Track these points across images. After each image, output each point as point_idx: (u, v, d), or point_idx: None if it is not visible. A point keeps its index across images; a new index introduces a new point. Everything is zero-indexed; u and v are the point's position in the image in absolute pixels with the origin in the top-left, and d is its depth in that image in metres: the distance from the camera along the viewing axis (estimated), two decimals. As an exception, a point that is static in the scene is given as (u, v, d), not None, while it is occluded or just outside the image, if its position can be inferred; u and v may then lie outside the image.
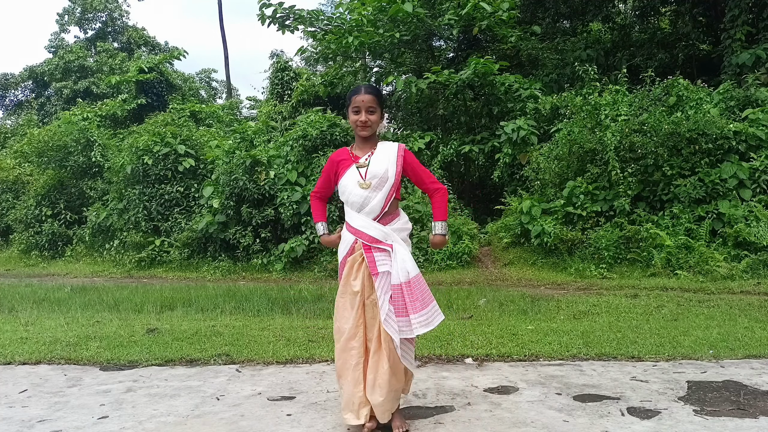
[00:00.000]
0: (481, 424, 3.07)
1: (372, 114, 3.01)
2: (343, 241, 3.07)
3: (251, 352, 4.55)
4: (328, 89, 14.84)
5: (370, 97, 3.00)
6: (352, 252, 3.00)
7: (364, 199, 2.96)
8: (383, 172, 2.97)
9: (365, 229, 2.95)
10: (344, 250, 3.04)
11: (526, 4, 16.10)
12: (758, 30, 11.90)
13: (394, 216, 3.05)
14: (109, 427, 3.15)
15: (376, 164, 2.99)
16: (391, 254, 2.92)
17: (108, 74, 24.54)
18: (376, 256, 2.92)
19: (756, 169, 8.69)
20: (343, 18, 15.32)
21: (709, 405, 3.28)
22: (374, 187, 2.95)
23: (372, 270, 2.91)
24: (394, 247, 2.93)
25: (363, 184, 2.95)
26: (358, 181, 2.97)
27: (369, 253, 2.93)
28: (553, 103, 11.42)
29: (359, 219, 2.98)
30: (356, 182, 2.97)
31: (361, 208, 2.98)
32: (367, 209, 2.96)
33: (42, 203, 13.62)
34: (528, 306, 6.50)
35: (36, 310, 6.83)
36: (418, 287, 2.89)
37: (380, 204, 2.96)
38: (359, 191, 2.96)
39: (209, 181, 11.54)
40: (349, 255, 3.01)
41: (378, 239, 2.93)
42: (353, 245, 3.00)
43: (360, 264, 2.97)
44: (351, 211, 3.03)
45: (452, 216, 10.54)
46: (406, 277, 2.88)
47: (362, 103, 2.99)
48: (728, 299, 6.61)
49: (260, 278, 9.94)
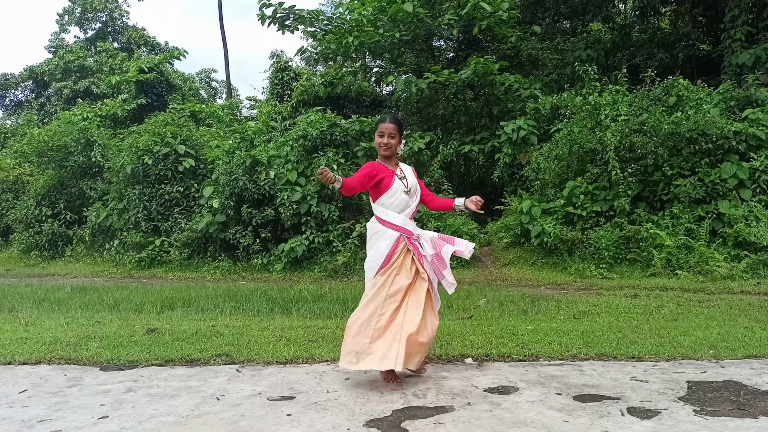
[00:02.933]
0: (481, 424, 3.07)
1: (393, 139, 3.85)
2: (387, 237, 3.79)
3: (251, 352, 4.55)
4: (328, 89, 14.83)
5: (392, 125, 3.86)
6: (398, 244, 3.78)
7: (406, 203, 3.84)
8: (416, 184, 3.94)
9: (406, 225, 3.82)
10: (390, 243, 3.77)
11: (526, 4, 16.10)
12: (758, 30, 11.89)
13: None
14: (109, 427, 3.15)
15: (410, 177, 3.93)
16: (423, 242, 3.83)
17: (108, 74, 24.53)
18: (417, 245, 3.81)
19: (756, 169, 8.69)
20: (343, 18, 15.33)
21: (709, 405, 3.28)
22: (412, 194, 3.88)
23: (419, 255, 3.77)
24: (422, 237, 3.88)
25: (407, 191, 3.84)
26: (403, 189, 3.83)
27: (413, 243, 3.80)
28: (553, 103, 11.42)
29: (401, 218, 3.81)
30: (402, 190, 3.82)
31: (402, 210, 3.83)
32: (407, 211, 3.84)
33: (42, 203, 13.62)
34: (528, 306, 6.50)
35: (36, 310, 6.83)
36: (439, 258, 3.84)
37: (415, 207, 3.92)
38: (404, 197, 3.83)
39: (209, 181, 11.54)
40: (396, 247, 3.77)
41: (413, 232, 3.83)
42: (398, 239, 3.78)
43: (407, 252, 3.79)
44: (392, 212, 3.82)
45: (452, 216, 10.55)
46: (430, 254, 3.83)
47: (386, 129, 3.85)
48: (728, 299, 6.60)
49: (260, 278, 9.94)
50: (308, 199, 10.31)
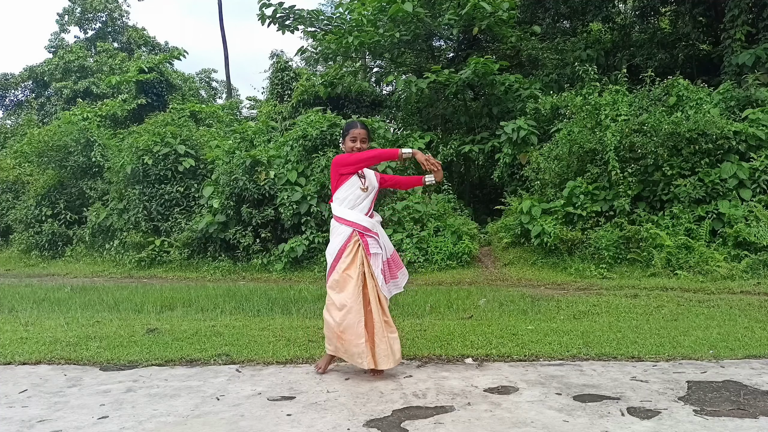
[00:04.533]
0: (481, 424, 3.07)
1: (364, 144, 4.03)
2: (340, 233, 3.95)
3: (251, 352, 4.55)
4: (328, 89, 14.84)
5: (364, 131, 4.03)
6: (350, 240, 3.92)
7: (360, 198, 3.96)
8: (374, 185, 4.07)
9: (361, 222, 3.94)
10: (342, 239, 3.93)
11: (526, 4, 16.10)
12: (758, 30, 11.89)
13: (373, 214, 4.09)
14: (109, 427, 3.15)
15: (370, 178, 4.07)
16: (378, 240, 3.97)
17: (108, 74, 24.51)
18: (369, 241, 3.94)
19: (756, 169, 8.68)
20: (343, 18, 15.34)
21: (709, 405, 3.28)
22: (368, 192, 4.01)
23: (367, 251, 3.92)
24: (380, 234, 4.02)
25: (363, 188, 3.98)
26: (360, 185, 3.97)
27: (364, 238, 3.94)
28: (553, 103, 11.42)
29: (354, 214, 3.94)
30: (358, 186, 3.97)
31: (355, 206, 3.95)
32: (360, 206, 3.97)
33: (42, 203, 13.62)
34: (528, 306, 6.50)
35: (36, 310, 6.82)
36: (394, 261, 4.11)
37: (369, 204, 4.03)
38: (359, 192, 3.96)
39: (209, 181, 11.53)
40: (347, 242, 3.91)
41: (369, 228, 3.95)
42: (351, 234, 3.92)
43: (358, 248, 3.92)
44: (345, 208, 3.95)
45: (452, 216, 10.55)
46: (386, 255, 4.02)
47: (359, 134, 4.00)
48: (728, 299, 6.60)
49: (260, 278, 9.93)
50: (308, 199, 10.31)
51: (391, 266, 4.02)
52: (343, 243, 3.91)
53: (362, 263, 3.88)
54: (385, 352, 3.78)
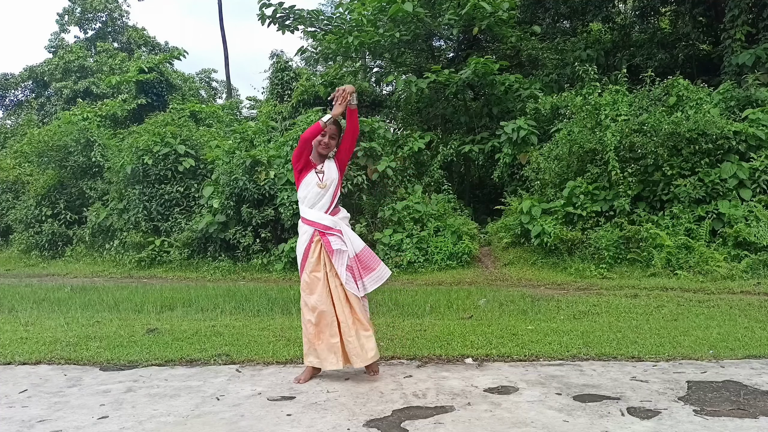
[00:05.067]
0: (481, 424, 3.08)
1: (333, 140, 3.93)
2: (303, 233, 3.92)
3: (251, 352, 4.55)
4: (328, 89, 14.82)
5: (336, 128, 3.91)
6: (313, 239, 3.87)
7: (319, 196, 3.86)
8: (333, 179, 3.90)
9: (321, 220, 3.86)
10: (306, 240, 3.89)
11: (526, 4, 16.10)
12: (758, 30, 11.89)
13: (337, 210, 3.98)
14: (109, 427, 3.15)
15: (329, 173, 3.91)
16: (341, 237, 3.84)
17: (108, 74, 24.49)
18: (330, 239, 3.82)
19: (756, 169, 8.68)
20: (343, 18, 15.33)
21: (709, 405, 3.28)
22: (327, 188, 3.88)
23: (328, 248, 3.81)
24: (344, 230, 3.89)
25: (321, 186, 3.87)
26: (317, 182, 3.86)
27: (324, 237, 3.84)
28: (553, 103, 11.42)
29: (313, 213, 3.88)
30: (315, 183, 3.86)
31: (315, 204, 3.88)
32: (319, 204, 3.88)
33: (42, 203, 13.61)
34: (528, 306, 6.50)
35: (36, 310, 6.83)
36: (365, 257, 3.91)
37: (329, 201, 3.90)
38: (317, 189, 3.86)
39: (209, 181, 11.53)
40: (311, 242, 3.87)
41: (331, 227, 3.85)
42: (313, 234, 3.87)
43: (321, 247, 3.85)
44: (306, 207, 3.90)
45: (452, 216, 10.54)
46: (353, 252, 3.86)
47: (329, 130, 3.87)
48: (728, 299, 6.60)
49: (260, 278, 9.93)
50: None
51: (361, 262, 3.87)
52: (306, 243, 3.89)
53: (326, 262, 3.83)
54: (355, 350, 3.75)
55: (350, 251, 3.84)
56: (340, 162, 4.00)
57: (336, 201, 3.95)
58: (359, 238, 3.98)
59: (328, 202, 3.89)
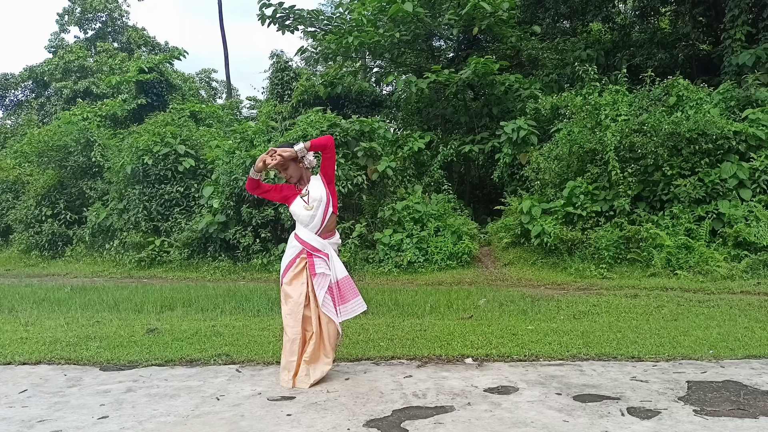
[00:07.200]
0: (481, 424, 3.07)
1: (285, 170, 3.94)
2: (291, 247, 3.95)
3: (251, 352, 4.55)
4: (328, 89, 14.82)
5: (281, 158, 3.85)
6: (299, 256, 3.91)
7: (309, 217, 3.89)
8: (320, 196, 3.90)
9: (310, 241, 3.89)
10: (293, 254, 3.93)
11: (526, 4, 16.11)
12: (758, 30, 11.90)
13: (331, 234, 4.00)
14: (109, 427, 3.15)
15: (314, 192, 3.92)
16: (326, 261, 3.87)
17: (108, 74, 24.49)
18: (315, 261, 3.87)
19: (756, 169, 8.68)
20: (343, 18, 15.35)
21: (709, 405, 3.28)
22: (316, 208, 3.89)
23: (311, 271, 3.85)
24: (330, 255, 3.91)
25: (308, 208, 3.89)
26: (303, 206, 3.90)
27: (310, 257, 3.89)
28: (553, 103, 11.42)
29: (305, 232, 3.92)
30: (302, 207, 3.90)
31: (307, 224, 3.91)
32: (311, 225, 3.90)
33: (42, 203, 13.61)
34: (528, 306, 6.50)
35: (36, 310, 6.82)
36: (345, 286, 3.92)
37: (320, 220, 3.90)
38: (305, 213, 3.89)
39: (209, 181, 11.53)
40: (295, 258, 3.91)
41: (318, 249, 3.89)
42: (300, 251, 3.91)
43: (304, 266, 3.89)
44: (300, 225, 3.96)
45: (452, 216, 10.54)
46: (335, 278, 3.89)
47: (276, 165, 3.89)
48: (728, 299, 6.60)
49: (260, 278, 9.93)
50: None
51: (341, 289, 3.88)
52: (291, 258, 3.93)
53: (306, 282, 3.87)
54: (304, 374, 3.81)
55: (333, 277, 3.87)
56: (325, 176, 3.97)
57: (326, 222, 3.91)
58: (343, 267, 4.00)
59: (318, 224, 3.90)
